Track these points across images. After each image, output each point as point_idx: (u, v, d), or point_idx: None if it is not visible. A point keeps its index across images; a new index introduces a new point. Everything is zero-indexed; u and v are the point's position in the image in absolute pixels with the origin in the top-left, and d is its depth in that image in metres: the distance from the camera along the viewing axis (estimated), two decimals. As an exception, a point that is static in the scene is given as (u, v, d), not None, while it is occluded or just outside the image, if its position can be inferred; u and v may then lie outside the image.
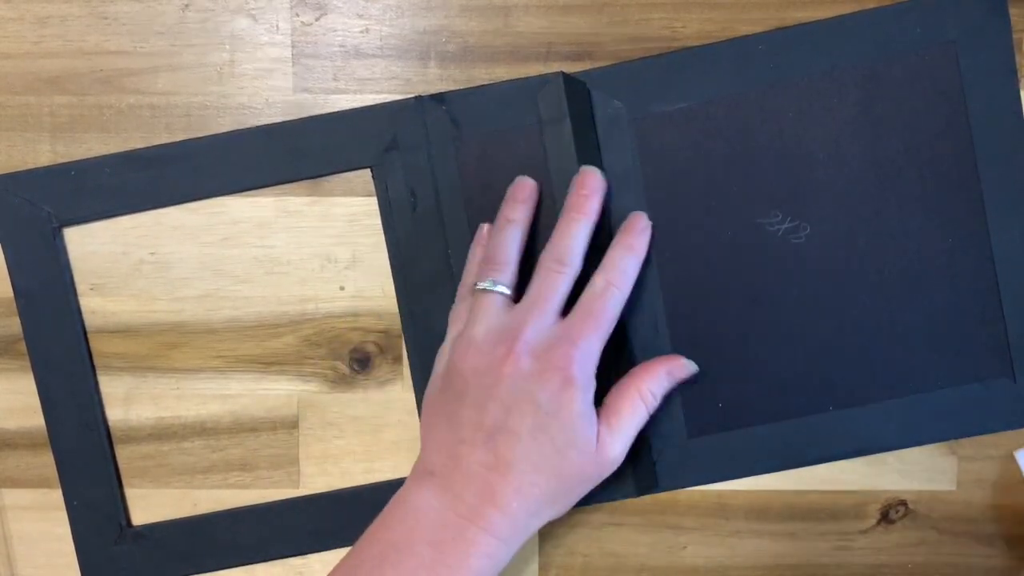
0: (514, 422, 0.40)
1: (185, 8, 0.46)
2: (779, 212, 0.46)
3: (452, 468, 0.41)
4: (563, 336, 0.40)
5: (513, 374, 0.40)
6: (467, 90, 0.46)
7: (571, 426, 0.40)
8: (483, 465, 0.40)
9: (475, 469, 0.40)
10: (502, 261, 0.42)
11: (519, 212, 0.43)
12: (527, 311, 0.41)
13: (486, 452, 0.40)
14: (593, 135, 0.45)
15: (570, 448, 0.40)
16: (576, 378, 0.40)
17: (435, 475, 0.41)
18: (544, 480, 0.41)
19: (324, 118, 0.46)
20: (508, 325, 0.41)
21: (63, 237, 0.47)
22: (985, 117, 0.45)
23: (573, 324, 0.41)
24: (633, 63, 0.46)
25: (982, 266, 0.46)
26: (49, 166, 0.46)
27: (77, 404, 0.47)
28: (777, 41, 0.45)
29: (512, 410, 0.40)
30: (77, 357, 0.47)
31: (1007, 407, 0.46)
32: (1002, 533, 0.48)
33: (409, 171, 0.46)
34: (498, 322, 0.41)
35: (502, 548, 0.40)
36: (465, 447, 0.40)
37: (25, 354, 0.47)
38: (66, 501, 0.48)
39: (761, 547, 0.48)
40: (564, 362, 0.40)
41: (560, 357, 0.40)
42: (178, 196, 0.46)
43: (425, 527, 0.40)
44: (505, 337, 0.40)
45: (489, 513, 0.40)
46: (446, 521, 0.40)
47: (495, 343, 0.40)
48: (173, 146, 0.46)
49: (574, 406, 0.40)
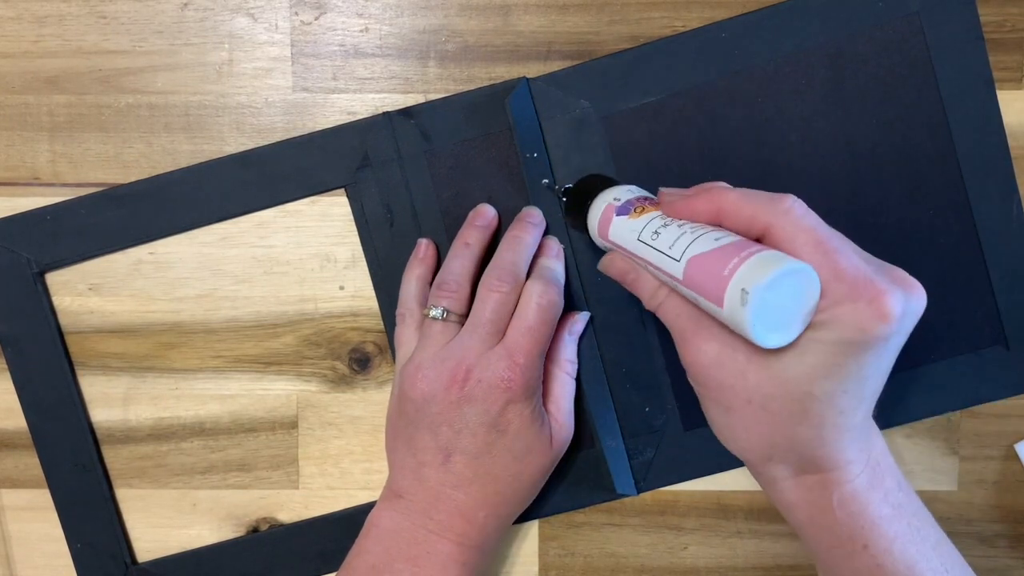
0: (466, 443, 0.41)
1: (184, 7, 0.46)
2: None
3: (417, 488, 0.42)
4: (504, 356, 0.41)
5: (460, 399, 0.41)
6: (435, 102, 0.46)
7: (523, 435, 0.42)
8: (445, 484, 0.42)
9: (439, 488, 0.42)
10: (453, 287, 0.43)
11: (475, 237, 0.44)
12: (470, 335, 0.41)
13: (445, 472, 0.41)
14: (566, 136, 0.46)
15: (528, 453, 0.42)
16: (520, 394, 0.41)
17: (403, 497, 0.42)
18: (506, 487, 0.42)
19: (295, 142, 0.46)
20: (453, 350, 0.41)
21: (44, 282, 0.47)
22: (955, 85, 0.45)
23: (513, 342, 0.41)
24: (598, 61, 0.46)
25: (966, 235, 0.45)
26: (24, 212, 0.46)
27: (71, 446, 0.47)
28: (739, 27, 0.45)
29: (463, 432, 0.41)
30: (68, 399, 0.47)
31: (1002, 375, 0.46)
32: (1002, 533, 0.48)
33: (383, 187, 0.46)
34: (445, 348, 0.42)
35: (476, 555, 0.42)
36: (426, 469, 0.42)
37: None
38: (69, 544, 0.48)
39: (761, 547, 0.48)
40: (507, 383, 0.40)
41: (503, 379, 0.40)
42: (155, 232, 0.47)
43: (400, 546, 0.42)
44: (450, 363, 0.41)
45: (459, 526, 0.42)
46: (418, 538, 0.41)
47: (441, 370, 0.41)
48: (146, 181, 0.46)
49: (522, 419, 0.41)
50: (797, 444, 0.35)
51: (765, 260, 0.31)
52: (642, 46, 0.45)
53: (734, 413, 0.35)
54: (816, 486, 0.36)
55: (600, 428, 0.46)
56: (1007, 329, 0.46)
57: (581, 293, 0.46)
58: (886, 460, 0.37)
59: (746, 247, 0.32)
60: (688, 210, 0.35)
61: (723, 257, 0.32)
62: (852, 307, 0.31)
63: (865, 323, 0.31)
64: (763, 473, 0.37)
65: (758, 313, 0.30)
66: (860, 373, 0.33)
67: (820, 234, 0.32)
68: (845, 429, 0.34)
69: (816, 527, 0.36)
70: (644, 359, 0.46)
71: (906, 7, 0.45)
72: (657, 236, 0.36)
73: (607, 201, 0.40)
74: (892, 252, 0.45)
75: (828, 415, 0.33)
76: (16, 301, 0.46)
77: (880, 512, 0.35)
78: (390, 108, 0.46)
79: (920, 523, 0.36)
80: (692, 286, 0.33)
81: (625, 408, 0.47)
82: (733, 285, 0.31)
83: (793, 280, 0.31)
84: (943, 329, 0.46)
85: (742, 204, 0.34)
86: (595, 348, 0.46)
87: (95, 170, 0.47)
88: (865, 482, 0.35)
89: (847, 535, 0.35)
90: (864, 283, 0.31)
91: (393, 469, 0.44)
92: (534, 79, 0.45)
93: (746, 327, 0.31)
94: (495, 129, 0.45)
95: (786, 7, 0.45)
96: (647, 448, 0.47)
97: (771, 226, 0.33)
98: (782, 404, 0.33)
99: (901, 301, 0.31)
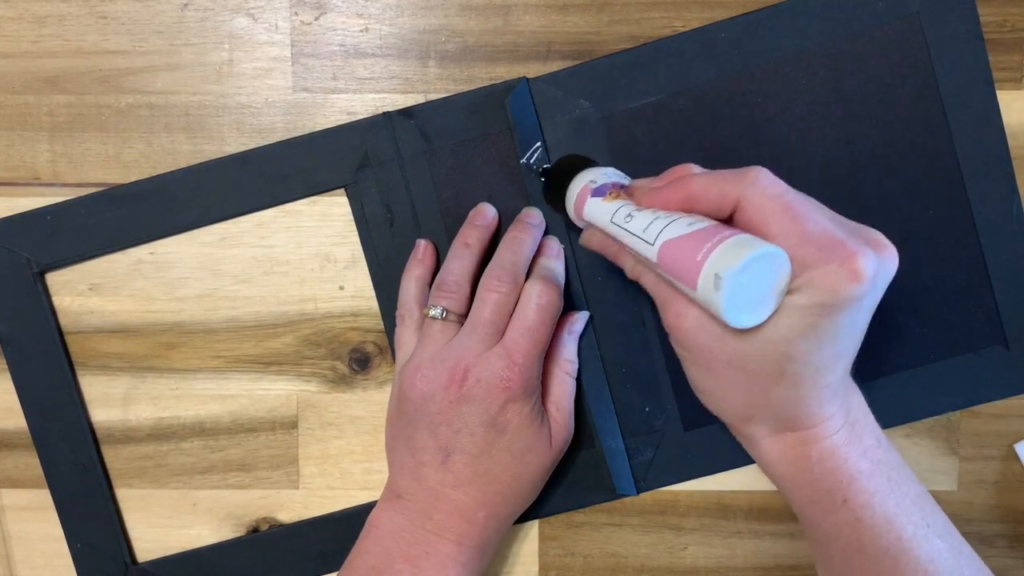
0: (465, 443, 0.41)
1: (184, 7, 0.46)
2: None
3: (417, 489, 0.42)
4: (503, 356, 0.41)
5: (459, 398, 0.41)
6: (435, 102, 0.46)
7: (523, 435, 0.42)
8: (445, 484, 0.41)
9: (438, 488, 0.42)
10: (453, 287, 0.43)
11: (475, 237, 0.44)
12: (469, 335, 0.41)
13: (445, 472, 0.41)
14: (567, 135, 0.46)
15: (527, 453, 0.42)
16: (519, 393, 0.41)
17: (403, 497, 0.42)
18: (506, 487, 0.42)
19: (295, 142, 0.46)
20: (452, 350, 0.41)
21: (45, 282, 0.47)
22: (955, 85, 0.45)
23: (512, 342, 0.41)
24: (598, 61, 0.45)
25: (966, 235, 0.45)
26: (24, 212, 0.46)
27: (71, 446, 0.47)
28: (739, 27, 0.45)
29: (461, 431, 0.41)
30: (68, 399, 0.47)
31: (1002, 375, 0.46)
32: (1002, 533, 0.48)
33: (383, 188, 0.46)
34: (444, 348, 0.42)
35: (476, 555, 0.42)
36: (425, 469, 0.42)
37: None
38: (69, 544, 0.48)
39: (761, 547, 0.48)
40: (506, 382, 0.40)
41: (502, 379, 0.40)
42: (155, 232, 0.47)
43: (400, 547, 0.42)
44: (449, 363, 0.41)
45: (458, 526, 0.42)
46: (418, 538, 0.41)
47: (440, 370, 0.41)
48: (146, 181, 0.46)
49: (521, 418, 0.41)
50: (775, 403, 0.35)
51: (737, 244, 0.31)
52: (642, 46, 0.45)
53: (714, 375, 0.36)
54: (795, 443, 0.36)
55: (600, 428, 0.46)
56: (1007, 329, 0.46)
57: (581, 293, 0.46)
58: (866, 418, 0.37)
59: (717, 232, 0.32)
60: (659, 201, 0.36)
61: (696, 242, 0.32)
62: (824, 270, 0.32)
63: (838, 285, 0.32)
64: (743, 432, 0.38)
65: (731, 297, 0.31)
66: (835, 333, 0.33)
67: (788, 200, 0.33)
68: (822, 387, 0.35)
69: (796, 484, 0.37)
70: (644, 359, 0.46)
71: (906, 7, 0.45)
72: (631, 219, 0.36)
73: (583, 182, 0.41)
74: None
75: (805, 374, 0.34)
76: (16, 301, 0.46)
77: (859, 467, 0.36)
78: (390, 108, 0.46)
79: (900, 478, 0.37)
80: (666, 269, 0.34)
81: (625, 408, 0.47)
82: (706, 270, 0.32)
83: (764, 263, 0.31)
84: (943, 329, 0.46)
85: (709, 185, 0.34)
86: (595, 348, 0.46)
87: (95, 170, 0.47)
88: (844, 438, 0.36)
89: (826, 490, 0.36)
90: (835, 245, 0.32)
91: (393, 470, 0.44)
92: (534, 79, 0.45)
93: (719, 310, 0.32)
94: (495, 129, 0.45)
95: (786, 7, 0.45)
96: (647, 448, 0.47)
97: (741, 199, 0.33)
98: (760, 365, 0.34)
99: (873, 261, 0.32)
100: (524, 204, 0.46)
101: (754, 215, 0.33)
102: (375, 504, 0.44)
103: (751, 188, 0.33)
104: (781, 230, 0.32)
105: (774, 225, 0.32)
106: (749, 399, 0.36)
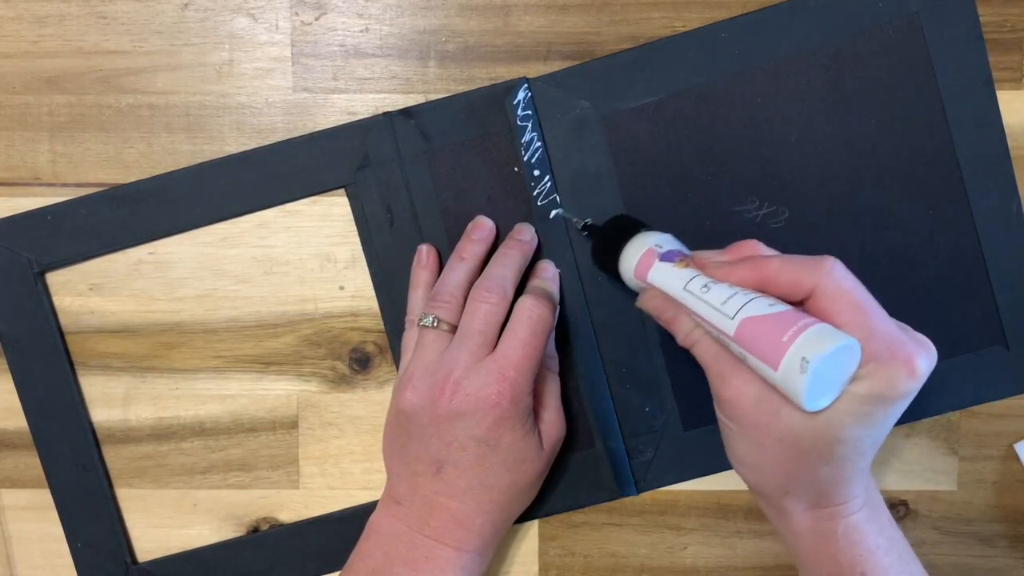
0: (456, 456, 0.41)
1: (184, 7, 0.46)
2: (756, 198, 0.46)
3: (413, 496, 0.42)
4: (494, 370, 0.41)
5: (448, 414, 0.41)
6: (435, 102, 0.46)
7: (516, 448, 0.42)
8: (440, 494, 0.42)
9: (433, 497, 0.42)
10: (447, 297, 0.43)
11: (470, 251, 0.44)
12: (459, 346, 0.41)
13: (438, 482, 0.42)
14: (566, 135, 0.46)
15: (521, 462, 0.42)
16: (510, 411, 0.41)
17: (401, 503, 0.43)
18: (501, 495, 0.42)
19: (295, 142, 0.46)
20: (443, 363, 0.41)
21: (45, 282, 0.47)
22: (955, 85, 0.45)
23: (503, 355, 0.41)
24: (598, 61, 0.46)
25: (965, 235, 0.45)
26: (25, 212, 0.46)
27: (71, 446, 0.47)
28: (739, 27, 0.45)
29: (452, 445, 0.41)
30: (68, 399, 0.47)
31: (1002, 376, 0.46)
32: (1002, 533, 0.48)
33: (383, 187, 0.46)
34: (435, 360, 0.42)
35: (475, 559, 0.42)
36: (419, 478, 0.42)
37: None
38: (69, 543, 0.48)
39: (761, 547, 0.48)
40: (497, 398, 0.40)
41: (493, 394, 0.40)
42: (155, 232, 0.47)
43: (400, 550, 0.42)
44: (439, 376, 0.41)
45: (456, 532, 0.42)
46: (417, 543, 0.42)
47: (431, 382, 0.41)
48: (147, 181, 0.46)
49: (514, 434, 0.41)
50: (818, 481, 0.37)
51: (821, 332, 0.34)
52: (642, 46, 0.45)
53: (763, 450, 0.37)
54: (825, 517, 0.38)
55: (600, 428, 0.46)
56: (1007, 329, 0.46)
57: (581, 293, 0.46)
58: (878, 496, 0.40)
59: (800, 317, 0.34)
60: (734, 277, 0.37)
61: (780, 324, 0.34)
62: (888, 365, 0.34)
63: (898, 380, 0.34)
64: (779, 504, 0.39)
65: (813, 381, 0.33)
66: (884, 422, 0.36)
67: (859, 296, 0.35)
68: (860, 469, 0.38)
69: (820, 554, 0.39)
70: (644, 359, 0.46)
71: (906, 7, 0.45)
72: (708, 290, 0.38)
73: (647, 245, 0.41)
74: (892, 252, 0.45)
75: (851, 456, 0.36)
76: (16, 301, 0.46)
77: (877, 543, 0.38)
78: (390, 108, 0.46)
79: (908, 557, 0.40)
80: (744, 344, 0.35)
81: (625, 408, 0.47)
82: (792, 352, 0.33)
83: (844, 354, 0.34)
84: (943, 329, 0.46)
85: (785, 270, 0.36)
86: (595, 348, 0.46)
87: (95, 170, 0.47)
88: (866, 515, 0.39)
89: (847, 563, 0.38)
90: (899, 345, 0.35)
91: (390, 475, 0.44)
92: (534, 79, 0.45)
93: (800, 392, 0.34)
94: (495, 129, 0.45)
95: (786, 7, 0.45)
96: (647, 448, 0.47)
97: (816, 288, 0.35)
98: (812, 444, 0.36)
99: (926, 361, 0.35)
100: (524, 204, 0.46)
101: (828, 305, 0.35)
102: (375, 504, 0.44)
103: (827, 279, 0.35)
104: (852, 323, 0.35)
105: (846, 317, 0.35)
106: (792, 475, 0.37)
